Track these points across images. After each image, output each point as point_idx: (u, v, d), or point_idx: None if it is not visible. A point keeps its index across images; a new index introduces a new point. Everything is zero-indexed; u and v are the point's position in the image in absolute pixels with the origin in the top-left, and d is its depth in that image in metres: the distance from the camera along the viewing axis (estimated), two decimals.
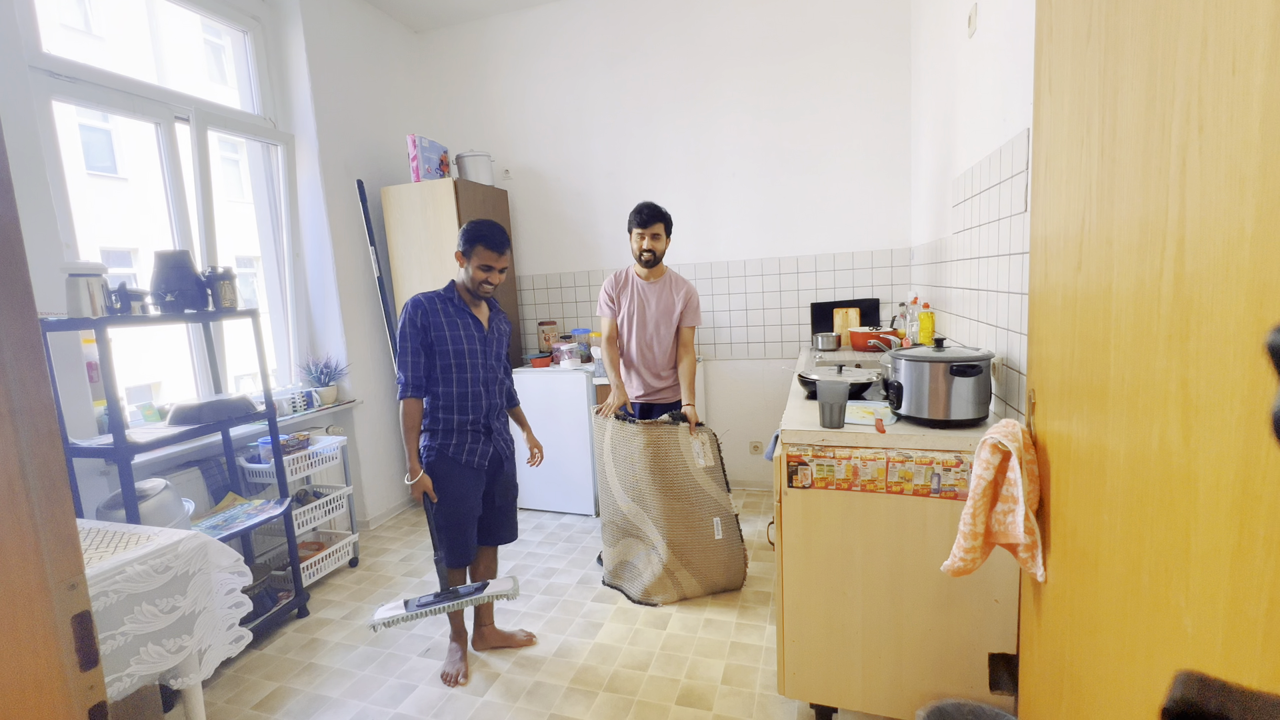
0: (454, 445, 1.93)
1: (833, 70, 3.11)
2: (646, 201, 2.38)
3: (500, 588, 1.94)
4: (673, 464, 2.35)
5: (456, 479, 1.94)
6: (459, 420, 1.93)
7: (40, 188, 1.96)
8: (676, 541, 2.35)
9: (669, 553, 2.35)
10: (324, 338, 3.20)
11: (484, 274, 1.90)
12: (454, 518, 1.95)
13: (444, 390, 1.91)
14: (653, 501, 2.35)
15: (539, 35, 3.60)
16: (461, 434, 1.94)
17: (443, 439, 1.93)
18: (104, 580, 1.28)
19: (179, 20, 2.78)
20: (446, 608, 1.86)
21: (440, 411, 1.92)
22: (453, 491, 1.93)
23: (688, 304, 2.44)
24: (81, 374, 2.07)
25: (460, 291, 1.96)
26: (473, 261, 1.89)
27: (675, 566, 2.36)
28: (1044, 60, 1.01)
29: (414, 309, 1.88)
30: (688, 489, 2.36)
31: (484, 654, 2.11)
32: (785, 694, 1.60)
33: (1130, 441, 0.72)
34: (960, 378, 1.42)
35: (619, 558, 2.48)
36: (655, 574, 2.34)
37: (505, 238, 1.90)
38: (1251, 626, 0.51)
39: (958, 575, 1.13)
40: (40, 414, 0.56)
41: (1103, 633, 0.81)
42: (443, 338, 1.88)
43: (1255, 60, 0.49)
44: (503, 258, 1.90)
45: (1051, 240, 0.98)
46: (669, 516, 2.35)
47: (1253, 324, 0.50)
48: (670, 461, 2.35)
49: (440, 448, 1.93)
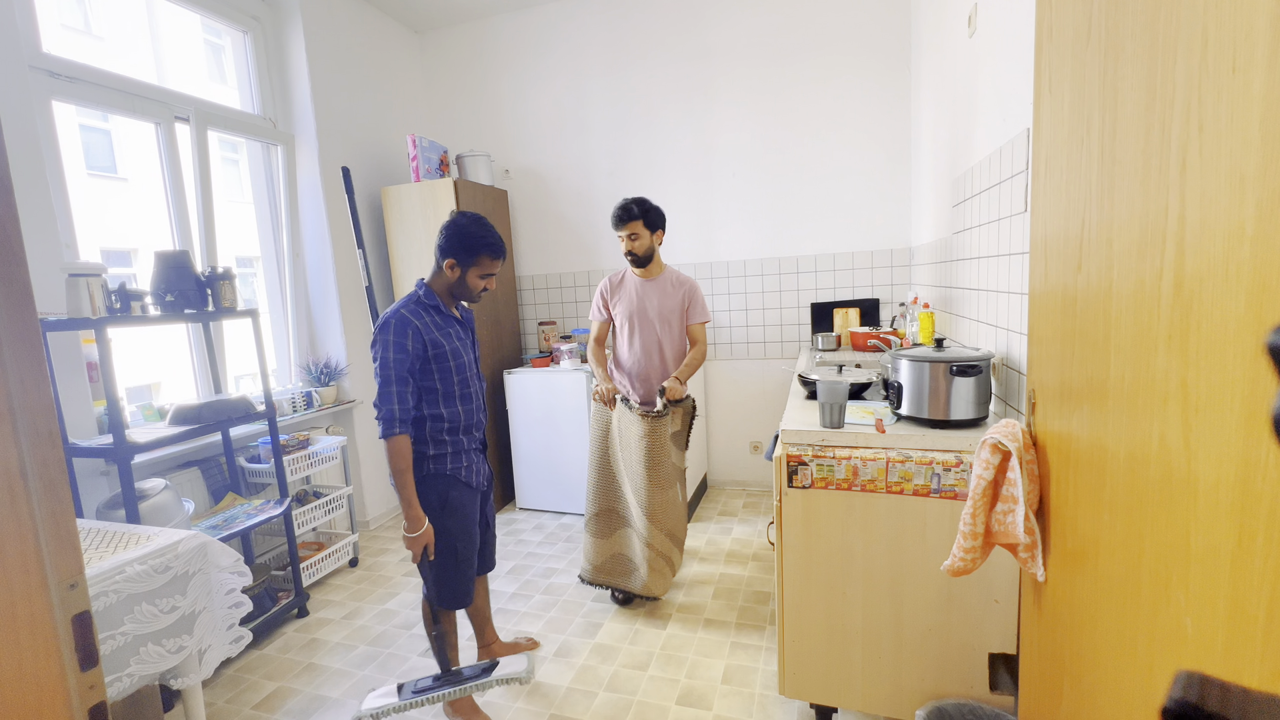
0: (465, 468, 1.74)
1: (833, 70, 3.11)
2: (624, 200, 2.24)
3: (513, 668, 1.67)
4: (667, 456, 2.29)
5: (470, 509, 1.76)
6: (467, 441, 1.75)
7: (40, 188, 1.96)
8: (670, 530, 2.32)
9: (665, 541, 2.30)
10: (324, 338, 3.20)
11: (484, 282, 1.73)
12: (466, 555, 1.74)
13: (449, 411, 1.69)
14: (646, 493, 2.28)
15: (539, 35, 3.60)
16: (469, 454, 1.76)
17: (453, 463, 1.71)
18: (104, 580, 1.28)
19: (179, 20, 2.78)
20: (448, 695, 1.61)
21: (446, 434, 1.70)
22: (468, 524, 1.75)
23: (692, 301, 2.34)
24: (81, 374, 2.07)
25: (439, 293, 1.74)
26: (473, 271, 1.69)
27: (669, 551, 2.33)
28: (1044, 60, 1.01)
29: (402, 331, 1.60)
30: (674, 477, 2.32)
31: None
32: (785, 694, 1.60)
33: (1130, 441, 0.72)
34: (960, 378, 1.42)
35: (613, 550, 2.37)
36: (650, 566, 2.28)
37: (503, 240, 1.74)
38: (1251, 626, 0.50)
39: (957, 575, 1.13)
40: (40, 414, 0.56)
41: (1103, 633, 0.81)
42: (443, 354, 1.66)
43: (1255, 60, 0.49)
44: (501, 262, 1.75)
45: (1051, 240, 0.98)
46: (663, 507, 2.29)
47: (1253, 324, 0.50)
48: (665, 454, 2.29)
49: (452, 473, 1.71)
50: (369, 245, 3.37)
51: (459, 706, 1.79)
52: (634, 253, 2.27)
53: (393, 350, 1.59)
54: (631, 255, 2.28)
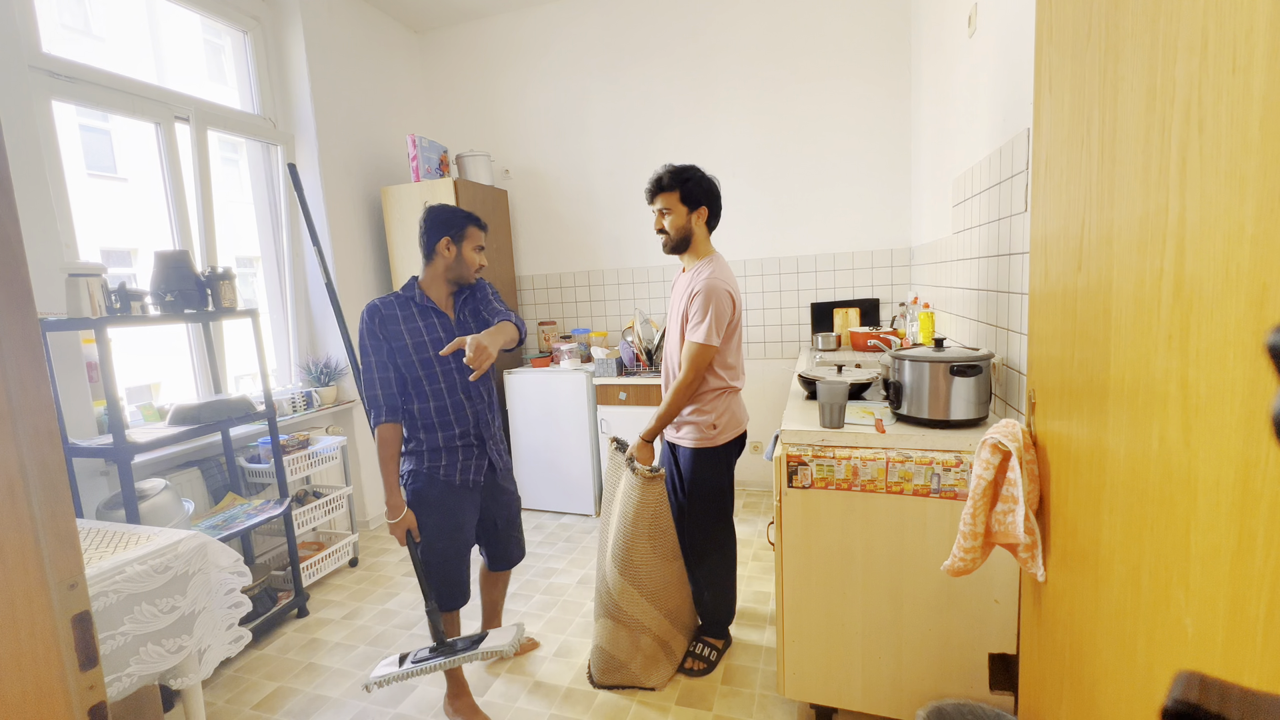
0: (444, 466, 1.69)
1: (833, 70, 3.11)
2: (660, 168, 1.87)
3: (497, 642, 1.69)
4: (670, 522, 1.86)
5: (451, 506, 1.71)
6: (444, 437, 1.69)
7: (40, 188, 1.96)
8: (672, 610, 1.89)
9: (664, 625, 1.88)
10: (324, 338, 3.20)
11: (479, 257, 1.72)
12: (447, 554, 1.71)
13: (420, 407, 1.67)
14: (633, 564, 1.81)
15: (539, 35, 3.60)
16: (450, 452, 1.70)
17: (430, 460, 1.68)
18: (104, 580, 1.28)
19: (179, 20, 2.78)
20: (442, 665, 1.65)
21: (421, 431, 1.68)
22: (446, 522, 1.70)
23: (691, 303, 1.78)
24: (81, 374, 2.07)
25: (428, 287, 1.71)
26: (467, 244, 1.69)
27: (669, 636, 1.90)
28: (1044, 60, 1.01)
29: (370, 317, 1.62)
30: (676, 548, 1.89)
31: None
32: (785, 694, 1.60)
33: (1130, 441, 0.72)
34: (960, 378, 1.42)
35: (594, 641, 1.93)
36: (645, 655, 1.86)
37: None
38: (1251, 626, 0.50)
39: (957, 575, 1.13)
40: (40, 414, 0.56)
41: (1103, 633, 0.81)
42: (403, 347, 1.64)
43: (1255, 60, 0.49)
44: (485, 234, 1.75)
45: (1051, 240, 0.98)
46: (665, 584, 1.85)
47: (1253, 324, 0.50)
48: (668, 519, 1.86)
49: (429, 471, 1.68)
50: (369, 245, 3.38)
51: (459, 706, 1.78)
52: (666, 231, 1.85)
53: (367, 337, 1.64)
54: (664, 233, 1.85)
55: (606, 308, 3.74)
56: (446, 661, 1.66)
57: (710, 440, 1.86)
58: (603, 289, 3.72)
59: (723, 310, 1.75)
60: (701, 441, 1.86)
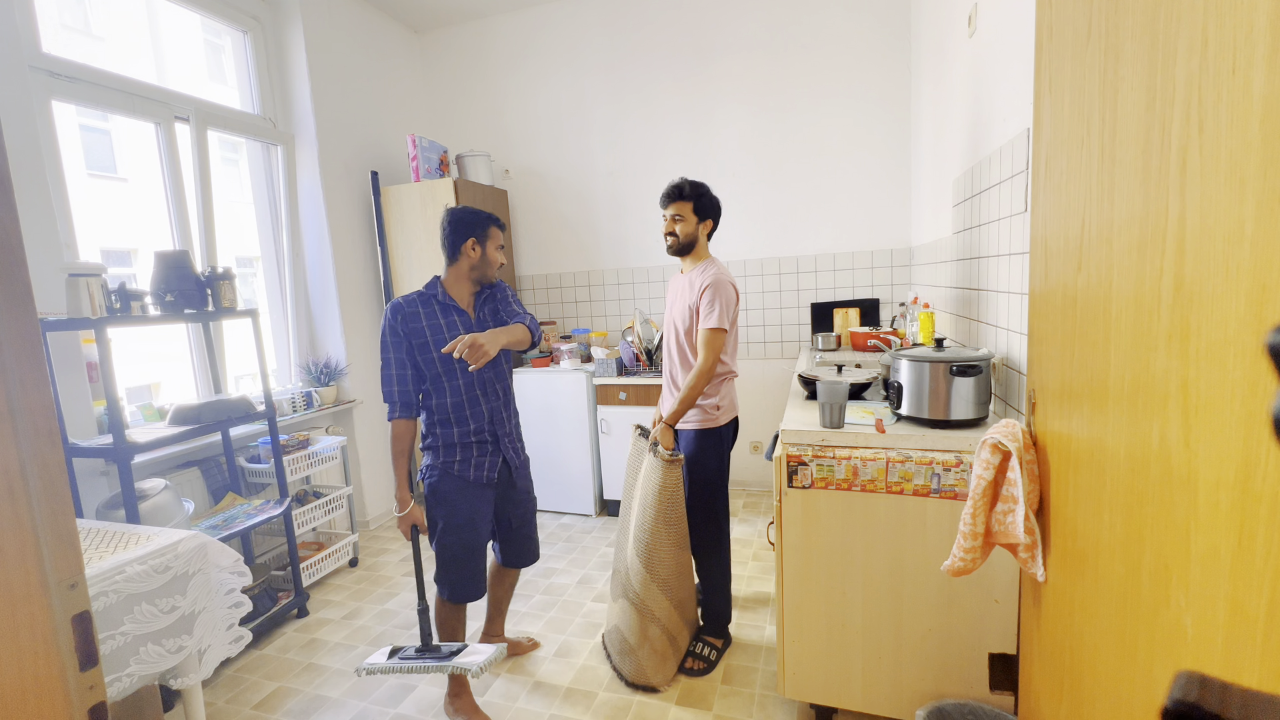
0: (459, 461, 1.74)
1: (833, 70, 3.11)
2: (679, 178, 2.03)
3: (469, 660, 1.65)
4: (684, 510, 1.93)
5: (465, 502, 1.74)
6: (459, 433, 1.74)
7: (40, 188, 1.96)
8: (680, 600, 1.95)
9: (672, 615, 1.92)
10: (324, 338, 3.20)
11: (500, 255, 1.80)
12: (465, 546, 1.74)
13: (438, 402, 1.73)
14: (652, 549, 1.88)
15: (539, 35, 3.60)
16: (465, 448, 1.75)
17: (445, 455, 1.73)
18: (104, 580, 1.28)
19: (179, 20, 2.78)
20: (427, 668, 1.64)
21: (438, 426, 1.74)
22: (460, 517, 1.73)
23: (700, 296, 1.91)
24: (81, 374, 2.07)
25: (451, 286, 1.77)
26: (490, 243, 1.77)
27: (676, 629, 1.94)
28: (1044, 60, 1.01)
29: (393, 314, 1.69)
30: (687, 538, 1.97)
31: None
32: (785, 694, 1.60)
33: (1130, 441, 0.72)
34: (960, 378, 1.42)
35: (613, 619, 2.00)
36: (652, 648, 1.90)
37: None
38: (1251, 626, 0.50)
39: (957, 575, 1.13)
40: (40, 414, 0.56)
41: (1103, 633, 0.81)
42: (424, 344, 1.69)
43: (1255, 60, 0.49)
44: (503, 232, 1.85)
45: (1051, 240, 0.98)
46: (677, 572, 1.92)
47: (1253, 324, 0.50)
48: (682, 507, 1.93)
49: (444, 465, 1.73)
50: (369, 244, 3.38)
51: (460, 706, 1.79)
52: (675, 235, 2.00)
53: (388, 334, 1.69)
54: (672, 237, 2.01)
55: (606, 308, 3.74)
56: (423, 665, 1.65)
57: (713, 420, 2.00)
58: (602, 289, 3.72)
59: (729, 299, 1.93)
60: (705, 422, 1.99)
